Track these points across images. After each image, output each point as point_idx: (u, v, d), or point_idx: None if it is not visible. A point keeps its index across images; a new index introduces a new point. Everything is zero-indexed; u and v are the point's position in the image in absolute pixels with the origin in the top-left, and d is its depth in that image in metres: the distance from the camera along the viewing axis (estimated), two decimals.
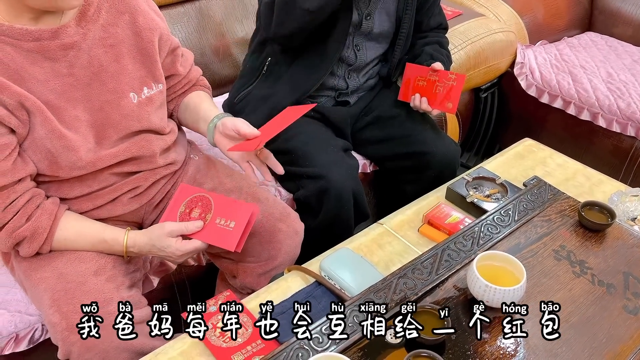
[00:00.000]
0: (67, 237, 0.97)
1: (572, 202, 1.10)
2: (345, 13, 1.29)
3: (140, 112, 1.01)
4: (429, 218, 1.10)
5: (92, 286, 0.95)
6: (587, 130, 1.79)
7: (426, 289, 0.90)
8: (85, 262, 0.98)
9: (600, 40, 2.15)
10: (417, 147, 1.39)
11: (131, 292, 1.00)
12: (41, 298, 0.95)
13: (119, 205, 1.05)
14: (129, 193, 1.06)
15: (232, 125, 1.05)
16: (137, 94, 1.01)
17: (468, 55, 1.74)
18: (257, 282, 1.11)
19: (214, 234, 1.02)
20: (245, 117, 1.40)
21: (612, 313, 0.87)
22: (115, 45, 0.97)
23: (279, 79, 1.38)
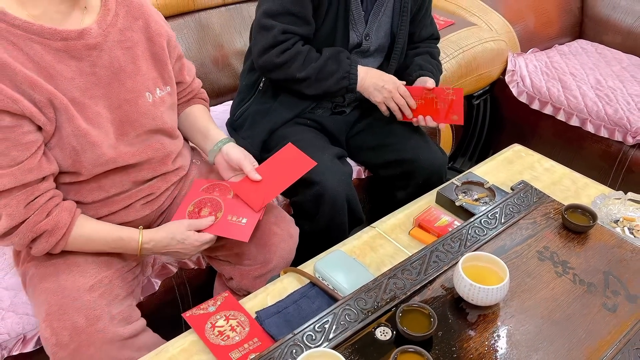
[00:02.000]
0: (83, 234, 1.00)
1: (557, 205, 1.14)
2: (343, 38, 1.35)
3: (155, 111, 1.07)
4: (419, 221, 1.15)
5: (84, 302, 0.98)
6: (577, 136, 1.84)
7: (415, 288, 0.95)
8: (85, 276, 1.01)
9: (591, 47, 2.20)
10: (405, 155, 1.44)
11: (123, 307, 1.02)
12: (39, 309, 0.99)
13: (133, 211, 1.10)
14: (143, 200, 1.11)
15: (237, 160, 1.16)
16: (152, 93, 1.07)
17: (460, 63, 1.80)
18: (252, 285, 1.15)
19: (227, 228, 1.10)
20: (246, 132, 1.46)
21: (592, 310, 0.92)
22: (132, 48, 1.03)
23: (277, 95, 1.43)
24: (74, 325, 0.96)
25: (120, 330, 0.99)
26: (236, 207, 1.13)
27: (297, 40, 1.31)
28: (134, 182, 1.08)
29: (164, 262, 1.22)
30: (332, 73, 1.32)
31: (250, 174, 1.14)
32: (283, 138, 1.42)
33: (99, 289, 1.01)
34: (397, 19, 1.40)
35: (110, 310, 1.00)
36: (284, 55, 1.30)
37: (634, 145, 1.72)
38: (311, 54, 1.32)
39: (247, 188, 1.15)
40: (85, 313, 0.97)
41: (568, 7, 2.26)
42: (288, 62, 1.31)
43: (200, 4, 1.74)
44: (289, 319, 0.95)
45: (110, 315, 0.99)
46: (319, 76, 1.32)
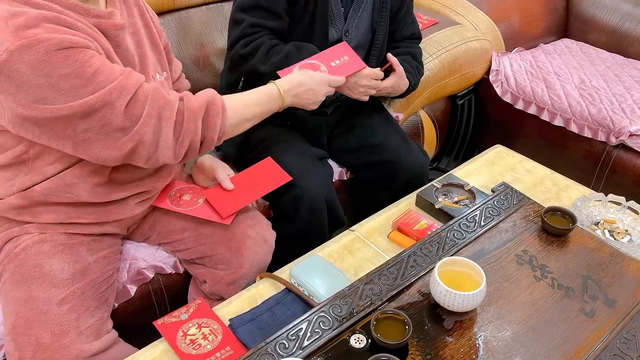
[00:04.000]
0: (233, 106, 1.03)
1: (537, 207, 1.13)
2: (322, 34, 1.33)
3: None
4: (398, 225, 1.13)
5: (52, 316, 0.95)
6: (561, 136, 1.83)
7: (391, 294, 0.93)
8: (58, 287, 0.98)
9: (575, 46, 2.20)
10: (387, 157, 1.43)
11: (93, 320, 0.99)
12: (7, 319, 0.96)
13: (128, 208, 1.08)
14: (138, 197, 1.09)
15: (210, 169, 1.17)
16: (154, 78, 1.07)
17: (442, 63, 1.78)
18: (226, 291, 1.13)
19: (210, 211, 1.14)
20: None
21: (570, 315, 0.90)
22: (136, 33, 1.04)
23: None
24: (38, 341, 0.93)
25: (86, 347, 0.96)
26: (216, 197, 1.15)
27: (265, 34, 1.31)
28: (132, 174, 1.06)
29: (139, 268, 1.19)
30: None
31: (223, 182, 1.14)
32: (262, 139, 1.40)
33: (70, 302, 0.98)
34: (377, 15, 1.39)
35: (78, 324, 0.97)
36: (249, 47, 1.30)
37: (617, 146, 1.71)
38: (276, 48, 1.30)
39: (218, 195, 1.15)
40: (51, 328, 0.94)
41: (553, 6, 2.25)
42: (252, 53, 1.31)
43: (181, 3, 1.71)
44: (263, 327, 0.93)
45: (78, 331, 0.96)
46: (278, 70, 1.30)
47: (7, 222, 1.04)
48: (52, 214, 1.02)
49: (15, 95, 0.83)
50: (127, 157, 0.93)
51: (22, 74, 0.81)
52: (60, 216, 1.02)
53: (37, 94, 0.83)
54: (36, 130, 0.88)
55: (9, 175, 0.99)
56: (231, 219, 1.12)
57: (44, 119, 0.85)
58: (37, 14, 0.83)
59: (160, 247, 1.22)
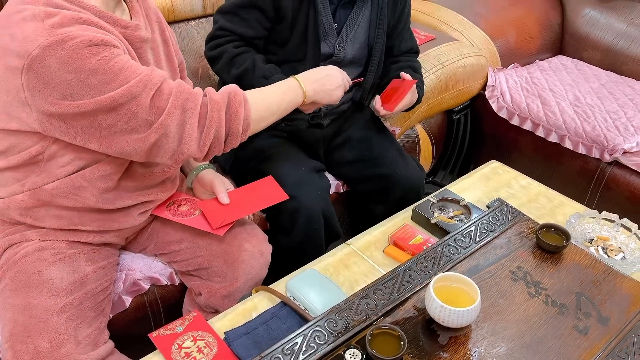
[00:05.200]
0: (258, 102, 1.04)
1: (532, 223, 1.14)
2: (314, 48, 1.34)
3: None
4: (394, 239, 1.14)
5: (51, 325, 0.95)
6: (556, 152, 1.85)
7: (387, 309, 0.93)
8: (57, 295, 0.98)
9: (570, 63, 2.23)
10: (383, 170, 1.44)
11: (91, 329, 1.00)
12: (5, 327, 0.96)
13: (130, 218, 1.08)
14: (142, 206, 1.10)
15: (209, 182, 1.17)
16: None
17: (439, 79, 1.80)
18: (220, 304, 1.13)
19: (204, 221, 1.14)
20: None
21: (564, 333, 0.91)
22: (155, 48, 1.06)
23: None
24: (36, 349, 0.93)
25: (83, 357, 0.96)
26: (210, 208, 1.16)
27: (232, 40, 1.32)
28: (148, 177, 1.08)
29: (135, 279, 1.19)
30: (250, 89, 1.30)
31: (219, 194, 1.15)
32: (259, 151, 1.41)
33: (69, 311, 0.98)
34: (374, 31, 1.40)
35: (77, 334, 0.97)
36: (215, 50, 1.33)
37: (611, 163, 1.73)
38: (238, 57, 1.31)
39: (213, 207, 1.15)
40: (49, 337, 0.94)
41: (549, 23, 2.28)
42: (216, 58, 1.34)
43: (181, 15, 1.72)
44: (258, 340, 0.93)
45: (76, 340, 0.97)
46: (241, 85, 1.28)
47: (9, 227, 1.03)
48: (56, 220, 1.01)
49: (42, 92, 0.84)
50: (152, 151, 0.93)
51: (51, 69, 0.83)
52: (64, 222, 1.02)
53: (65, 89, 0.84)
54: (62, 127, 0.88)
55: (20, 176, 0.98)
56: (224, 230, 1.12)
57: (71, 114, 0.86)
58: (72, 14, 0.86)
59: (157, 258, 1.22)
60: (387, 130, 1.56)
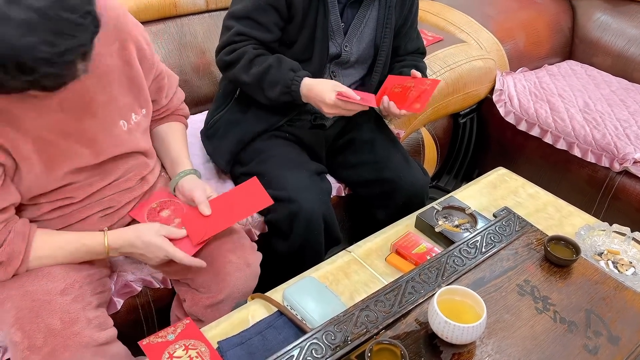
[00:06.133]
0: (42, 255, 0.96)
1: (540, 235, 1.10)
2: (322, 47, 1.30)
3: (130, 138, 1.03)
4: (396, 247, 1.10)
5: (58, 305, 0.93)
6: (564, 159, 1.80)
7: (388, 322, 0.89)
8: (52, 280, 0.96)
9: (580, 69, 2.18)
10: (386, 174, 1.39)
11: (98, 313, 0.99)
12: (5, 316, 0.93)
13: (89, 224, 1.04)
14: (100, 212, 1.05)
15: (189, 191, 1.10)
16: (127, 121, 1.02)
17: (447, 81, 1.76)
18: (202, 313, 1.08)
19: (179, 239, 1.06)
20: (216, 141, 1.41)
21: (572, 352, 0.87)
22: (106, 74, 0.97)
23: (251, 105, 1.38)
24: (48, 327, 0.91)
25: (95, 335, 0.95)
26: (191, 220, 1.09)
27: (251, 44, 1.28)
28: (92, 197, 1.03)
29: (127, 281, 1.15)
30: (274, 84, 1.26)
31: (200, 206, 1.07)
32: (259, 152, 1.37)
33: (72, 293, 0.96)
34: (380, 31, 1.36)
35: (86, 313, 0.96)
36: (233, 54, 1.28)
37: (620, 172, 1.69)
38: (259, 58, 1.27)
39: (193, 218, 1.08)
40: (60, 315, 0.92)
41: (559, 27, 2.23)
42: (235, 62, 1.29)
43: (183, 10, 1.68)
44: (252, 351, 0.89)
45: (87, 319, 0.95)
46: (260, 84, 1.27)
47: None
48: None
49: None
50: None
51: None
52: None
53: None
54: None
55: None
56: (197, 249, 1.06)
57: None
58: None
59: None
60: (391, 133, 1.52)
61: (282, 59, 1.28)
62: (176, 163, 1.16)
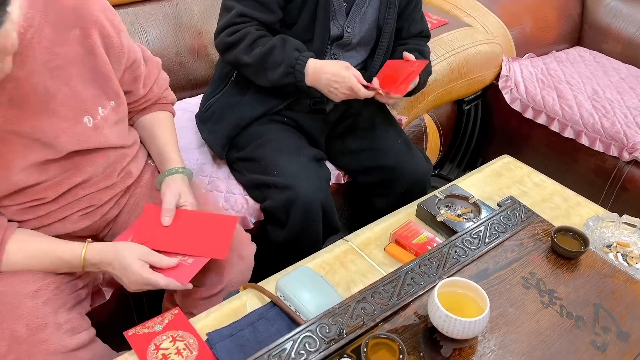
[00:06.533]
0: (17, 262, 0.90)
1: (546, 225, 1.05)
2: (323, 29, 1.25)
3: (97, 135, 0.95)
4: (396, 237, 1.05)
5: (25, 310, 0.87)
6: (571, 148, 1.75)
7: (385, 314, 0.85)
8: (26, 281, 0.90)
9: (589, 55, 2.12)
10: (387, 161, 1.35)
11: (71, 315, 0.93)
12: None
13: (69, 223, 0.99)
14: (81, 212, 0.99)
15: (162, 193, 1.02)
16: (93, 116, 0.93)
17: (451, 66, 1.70)
18: (194, 306, 1.04)
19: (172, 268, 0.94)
20: (211, 126, 1.36)
21: (579, 349, 0.83)
22: (64, 67, 0.87)
23: (248, 88, 1.33)
24: (13, 334, 0.86)
25: (66, 341, 0.89)
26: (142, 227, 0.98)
27: (253, 25, 1.23)
28: (67, 198, 0.96)
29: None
30: (277, 65, 1.21)
31: (162, 213, 0.98)
32: (256, 136, 1.32)
33: (44, 296, 0.90)
34: (384, 11, 1.30)
35: (56, 318, 0.90)
36: (234, 35, 1.23)
37: (629, 162, 1.63)
38: (262, 39, 1.22)
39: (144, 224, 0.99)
40: (26, 321, 0.87)
41: (568, 12, 2.16)
42: (236, 43, 1.23)
43: None
44: (243, 344, 0.85)
45: (56, 324, 0.89)
46: (263, 64, 1.22)
47: None
48: None
49: None
50: None
51: None
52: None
53: None
54: None
55: None
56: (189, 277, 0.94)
57: None
58: None
59: None
60: (393, 119, 1.47)
61: (286, 39, 1.23)
62: (164, 158, 1.08)
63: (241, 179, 1.33)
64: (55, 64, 0.86)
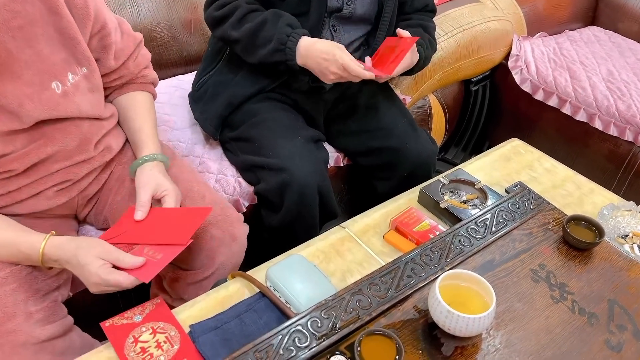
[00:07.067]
0: None
1: (558, 214, 0.98)
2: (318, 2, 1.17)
3: (67, 103, 0.87)
4: (396, 224, 0.98)
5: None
6: (582, 132, 1.67)
7: (382, 308, 0.79)
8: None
9: (604, 35, 2.02)
10: (391, 143, 1.27)
11: (45, 303, 0.87)
12: None
13: (43, 199, 0.92)
14: (55, 187, 0.93)
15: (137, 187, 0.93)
16: (62, 82, 0.86)
17: (459, 43, 1.61)
18: (184, 291, 0.99)
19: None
20: (204, 105, 1.29)
21: (592, 348, 0.76)
22: (25, 27, 0.81)
23: (242, 66, 1.25)
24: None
25: (37, 332, 0.83)
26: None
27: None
28: (39, 171, 0.90)
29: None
30: (267, 41, 1.14)
31: (136, 207, 0.91)
32: (251, 114, 1.24)
33: (14, 282, 0.85)
34: None
35: (27, 307, 0.84)
36: (223, 9, 1.15)
37: None
38: (252, 14, 1.15)
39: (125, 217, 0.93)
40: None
41: None
42: (225, 17, 1.15)
43: None
44: (228, 337, 0.79)
45: (26, 313, 0.84)
46: (252, 40, 1.15)
47: None
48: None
49: None
50: None
51: None
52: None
53: None
54: None
55: None
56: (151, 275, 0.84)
57: None
58: None
59: None
60: (397, 98, 1.39)
61: (280, 14, 1.15)
62: (136, 144, 1.00)
63: (234, 160, 1.27)
64: (16, 24, 0.79)
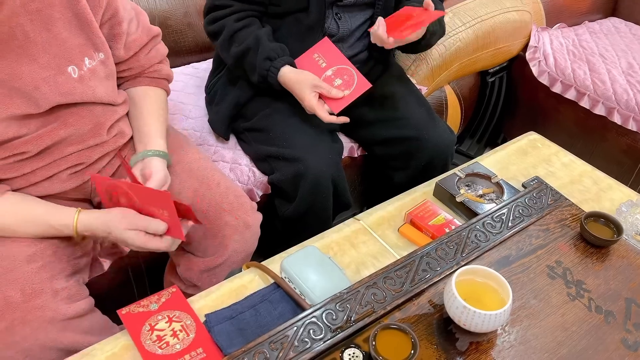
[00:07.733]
0: (4, 225, 0.85)
1: (575, 210, 0.97)
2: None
3: (83, 87, 0.88)
4: (411, 217, 0.98)
5: (20, 274, 0.83)
6: (600, 126, 1.64)
7: (397, 302, 0.79)
8: (20, 243, 0.86)
9: (624, 27, 1.98)
10: (408, 132, 1.26)
11: (69, 282, 0.89)
12: None
13: (57, 182, 0.93)
14: (69, 170, 0.93)
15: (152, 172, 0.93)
16: (78, 66, 0.86)
17: (476, 34, 1.58)
18: (198, 278, 0.99)
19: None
20: (215, 107, 1.30)
21: (609, 347, 0.76)
22: (43, 10, 0.81)
23: None
24: (6, 299, 0.82)
25: (63, 308, 0.85)
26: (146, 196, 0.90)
27: (233, 12, 1.16)
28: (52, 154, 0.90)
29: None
30: (252, 68, 1.16)
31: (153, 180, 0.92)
32: (265, 105, 1.24)
33: (40, 260, 0.86)
34: None
35: (53, 284, 0.86)
36: (215, 25, 1.18)
37: None
38: (239, 34, 1.16)
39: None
40: (21, 286, 0.83)
41: None
42: (216, 34, 1.19)
43: None
44: (243, 327, 0.79)
45: (53, 290, 0.85)
46: (240, 64, 1.17)
47: None
48: None
49: None
50: None
51: None
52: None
53: None
54: None
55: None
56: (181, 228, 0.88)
57: None
58: None
59: None
60: (414, 86, 1.37)
61: (260, 41, 1.14)
62: (146, 139, 0.99)
63: (248, 150, 1.27)
64: (34, 7, 0.80)
